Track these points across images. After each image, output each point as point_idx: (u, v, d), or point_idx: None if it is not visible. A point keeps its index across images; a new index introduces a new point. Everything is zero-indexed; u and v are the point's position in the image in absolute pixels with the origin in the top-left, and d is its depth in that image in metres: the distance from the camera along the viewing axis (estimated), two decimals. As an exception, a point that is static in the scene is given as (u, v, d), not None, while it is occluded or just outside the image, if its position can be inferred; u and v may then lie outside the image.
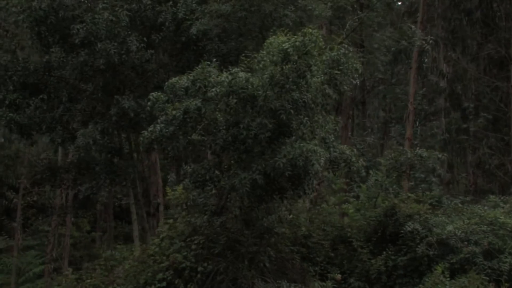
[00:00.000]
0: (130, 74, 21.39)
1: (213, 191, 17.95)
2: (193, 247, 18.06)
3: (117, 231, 37.85)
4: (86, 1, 20.98)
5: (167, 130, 16.53)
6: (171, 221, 19.10)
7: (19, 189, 38.11)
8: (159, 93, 16.72)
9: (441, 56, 41.88)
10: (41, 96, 21.92)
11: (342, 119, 28.93)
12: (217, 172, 17.69)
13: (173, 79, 16.60)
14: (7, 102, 21.87)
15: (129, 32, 20.58)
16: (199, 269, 17.74)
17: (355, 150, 18.95)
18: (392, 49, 23.29)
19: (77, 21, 20.66)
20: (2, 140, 40.83)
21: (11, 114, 21.71)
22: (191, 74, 16.62)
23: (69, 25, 21.05)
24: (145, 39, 20.83)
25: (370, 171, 22.52)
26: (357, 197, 24.19)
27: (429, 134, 44.65)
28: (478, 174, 40.09)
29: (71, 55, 21.63)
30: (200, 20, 20.46)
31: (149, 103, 16.79)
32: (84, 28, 20.33)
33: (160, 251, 18.53)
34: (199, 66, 16.64)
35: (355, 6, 22.44)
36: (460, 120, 40.66)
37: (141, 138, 16.84)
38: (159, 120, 16.74)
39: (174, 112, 16.45)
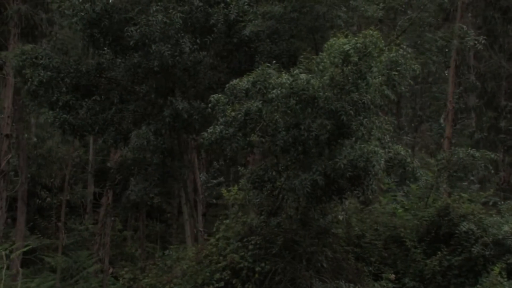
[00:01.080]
0: (182, 75, 21.52)
1: (270, 192, 18.08)
2: (250, 247, 18.21)
3: (148, 230, 38.01)
4: (139, 4, 21.07)
5: (227, 132, 16.71)
6: (227, 221, 19.24)
7: (52, 188, 38.51)
8: (219, 95, 16.89)
9: (471, 53, 41.65)
10: (93, 98, 22.17)
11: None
12: (274, 173, 17.88)
13: (234, 81, 16.75)
14: (60, 103, 22.14)
15: (182, 34, 20.73)
16: (257, 269, 17.90)
17: (409, 150, 19.01)
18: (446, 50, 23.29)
19: (130, 23, 20.82)
20: (35, 139, 41.27)
21: (64, 116, 21.99)
22: (251, 76, 16.75)
23: (122, 27, 21.25)
24: (198, 40, 20.97)
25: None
26: (405, 196, 24.22)
27: (464, 133, 44.51)
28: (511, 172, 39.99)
29: (124, 57, 21.86)
30: (253, 21, 20.55)
31: (210, 104, 16.93)
32: (138, 30, 20.50)
33: (217, 251, 18.71)
34: (259, 68, 16.77)
35: (404, 6, 22.40)
36: (493, 118, 40.47)
37: (201, 139, 17.00)
38: (218, 122, 16.91)
39: (233, 113, 16.61)
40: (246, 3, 21.14)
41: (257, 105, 16.18)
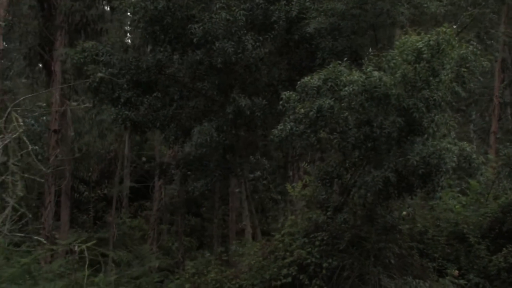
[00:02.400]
0: (243, 72, 21.70)
1: (338, 189, 18.21)
2: (317, 243, 18.32)
3: (183, 224, 38.17)
4: (202, 2, 21.26)
5: (297, 129, 16.82)
6: (293, 217, 19.39)
7: (89, 182, 38.84)
8: (290, 92, 17.02)
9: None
10: (154, 94, 22.42)
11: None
12: (342, 169, 18.01)
13: (305, 79, 16.86)
14: (122, 100, 22.43)
15: (245, 31, 20.88)
16: (324, 265, 18.01)
17: (474, 147, 19.01)
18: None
19: (193, 21, 21.02)
20: (73, 133, 41.68)
21: (126, 112, 22.28)
22: (321, 73, 16.85)
23: (184, 25, 21.48)
24: (261, 38, 21.12)
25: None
26: (463, 193, 24.17)
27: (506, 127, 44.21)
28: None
29: (184, 54, 22.07)
30: (316, 18, 20.65)
31: (281, 102, 17.08)
32: (201, 28, 20.70)
33: (283, 247, 18.85)
34: (330, 66, 16.86)
35: (465, 2, 22.39)
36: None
37: (271, 136, 17.16)
38: (287, 119, 17.05)
39: (303, 110, 16.73)
40: (307, 0, 21.23)
41: (329, 103, 16.27)
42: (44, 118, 39.04)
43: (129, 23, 23.23)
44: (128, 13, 23.99)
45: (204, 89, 22.34)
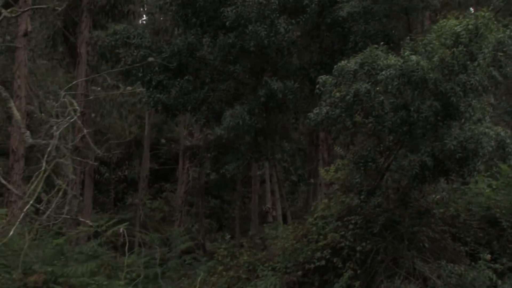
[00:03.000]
0: (275, 55, 21.71)
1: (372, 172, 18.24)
2: (350, 226, 18.39)
3: (203, 206, 38.27)
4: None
5: (333, 113, 16.85)
6: (326, 201, 19.46)
7: (110, 164, 38.94)
8: (327, 76, 17.03)
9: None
10: (186, 77, 22.48)
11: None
12: (376, 153, 18.04)
13: (342, 63, 16.86)
14: (153, 83, 22.51)
15: (277, 15, 20.86)
16: (358, 248, 18.07)
17: (508, 131, 18.94)
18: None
19: (226, 3, 21.01)
20: (93, 115, 41.87)
21: (158, 95, 22.37)
22: (358, 57, 16.85)
23: (216, 7, 21.50)
24: (293, 21, 21.10)
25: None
26: (493, 177, 24.08)
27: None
28: None
29: (217, 37, 22.10)
30: (349, 2, 20.61)
31: (317, 86, 17.10)
32: (234, 11, 20.71)
33: (316, 230, 18.94)
34: (367, 50, 16.84)
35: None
36: None
37: (307, 120, 17.20)
38: (323, 103, 17.08)
39: (338, 94, 16.75)
40: (340, -16, 21.19)
41: (366, 87, 16.27)
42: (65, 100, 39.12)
43: (160, 5, 23.12)
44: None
45: (236, 72, 22.35)
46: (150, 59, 16.11)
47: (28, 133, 10.14)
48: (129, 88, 10.91)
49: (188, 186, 31.08)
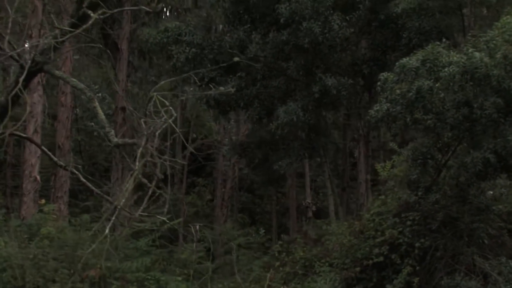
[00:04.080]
0: (328, 52, 21.76)
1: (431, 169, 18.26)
2: (408, 223, 18.40)
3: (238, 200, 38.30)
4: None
5: (393, 109, 16.89)
6: (382, 197, 19.50)
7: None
8: (389, 73, 17.07)
9: None
10: (238, 74, 22.59)
11: None
12: (434, 150, 18.06)
13: (403, 60, 16.89)
14: (206, 80, 22.64)
15: (331, 11, 20.91)
16: (416, 244, 18.08)
17: None
18: None
19: (280, 1, 21.08)
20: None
21: (210, 92, 22.46)
22: (419, 54, 16.87)
23: (269, 4, 21.60)
24: (347, 18, 21.15)
25: None
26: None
27: None
28: None
29: (268, 34, 22.20)
30: (403, -2, 20.65)
31: (378, 83, 17.15)
32: (288, 8, 20.78)
33: (374, 226, 18.98)
34: (428, 47, 16.86)
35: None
36: None
37: (368, 117, 17.26)
38: (384, 100, 17.12)
39: (399, 91, 16.79)
40: (394, -21, 21.21)
41: (428, 84, 16.29)
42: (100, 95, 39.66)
43: (212, 2, 23.23)
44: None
45: (290, 69, 22.41)
46: (236, 59, 16.28)
47: (112, 132, 10.29)
48: (221, 88, 11.03)
49: (234, 181, 31.25)
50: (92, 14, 10.92)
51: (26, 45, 13.65)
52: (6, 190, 34.79)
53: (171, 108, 9.52)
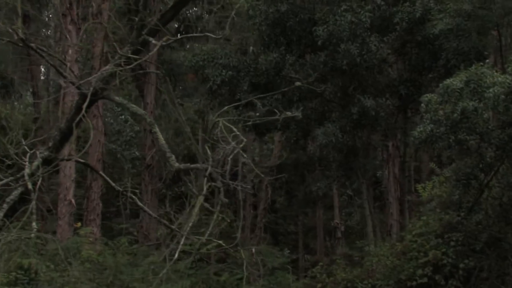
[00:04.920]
0: (365, 73, 21.83)
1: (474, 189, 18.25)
2: (452, 243, 18.40)
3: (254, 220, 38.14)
4: (327, 4, 21.45)
5: (437, 130, 16.94)
6: (424, 218, 19.49)
7: (165, 180, 39.22)
8: (432, 94, 17.13)
9: None
10: (275, 96, 22.67)
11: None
12: (477, 170, 18.06)
13: (447, 81, 16.94)
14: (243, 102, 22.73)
15: (368, 33, 21.00)
16: (461, 265, 18.08)
17: None
18: None
19: (318, 23, 21.21)
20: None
21: (249, 114, 22.58)
22: (462, 75, 16.92)
23: (306, 27, 21.75)
24: (385, 39, 21.23)
25: None
26: None
27: None
28: None
29: (303, 56, 22.31)
30: (442, 19, 20.68)
31: (422, 104, 17.21)
32: (326, 30, 20.90)
33: (416, 247, 18.96)
34: (472, 68, 16.91)
35: None
36: None
37: (412, 138, 17.31)
38: (427, 121, 17.17)
39: (442, 112, 16.84)
40: (431, 1, 21.25)
41: (473, 104, 16.33)
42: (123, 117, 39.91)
43: (248, 25, 23.42)
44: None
45: (328, 91, 22.48)
46: (297, 83, 16.43)
47: (173, 157, 10.41)
48: (288, 113, 11.12)
49: (267, 203, 31.27)
50: (154, 41, 11.10)
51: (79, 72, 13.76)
52: (42, 214, 34.96)
53: (238, 133, 9.63)
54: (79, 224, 26.30)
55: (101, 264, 22.35)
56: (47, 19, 40.83)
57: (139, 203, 12.22)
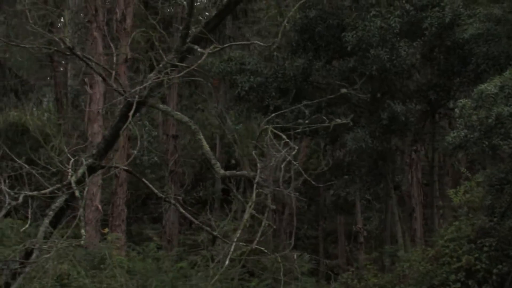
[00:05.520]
0: (393, 78, 21.86)
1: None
2: (485, 249, 18.36)
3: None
4: (356, 10, 21.51)
5: (471, 136, 16.92)
6: (456, 223, 19.47)
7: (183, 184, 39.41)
8: (466, 100, 17.13)
9: None
10: (304, 102, 22.71)
11: None
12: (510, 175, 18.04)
13: (481, 86, 16.93)
14: (271, 108, 22.83)
15: (398, 38, 21.03)
16: (494, 271, 18.05)
17: None
18: None
19: (347, 28, 21.27)
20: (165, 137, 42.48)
21: (277, 120, 22.64)
22: (496, 80, 16.91)
23: (334, 32, 21.80)
24: (414, 44, 21.25)
25: None
26: None
27: None
28: None
29: (330, 62, 22.36)
30: (472, 24, 20.68)
31: (456, 109, 17.21)
32: (355, 36, 20.95)
33: (449, 252, 18.94)
34: (506, 73, 16.90)
35: None
36: None
37: (445, 143, 17.31)
38: (461, 126, 17.16)
39: (475, 117, 16.83)
40: (461, 6, 21.25)
41: (508, 109, 16.31)
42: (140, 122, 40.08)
43: (276, 31, 23.51)
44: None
45: (357, 96, 22.50)
46: (343, 90, 16.48)
47: (218, 164, 10.46)
48: (338, 120, 11.17)
49: (292, 209, 31.22)
50: (199, 49, 11.17)
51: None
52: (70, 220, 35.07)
53: (289, 141, 9.68)
54: (106, 230, 26.38)
55: (130, 269, 22.45)
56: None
57: (181, 210, 12.29)
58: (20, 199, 10.52)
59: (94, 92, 28.47)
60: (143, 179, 12.92)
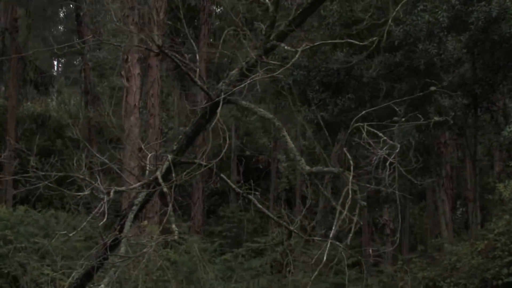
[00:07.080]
0: (440, 73, 21.89)
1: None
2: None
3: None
4: (405, 4, 21.49)
5: (527, 130, 17.02)
6: (507, 217, 19.54)
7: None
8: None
9: None
10: (348, 96, 22.84)
11: None
12: None
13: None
14: (315, 101, 22.94)
15: (445, 32, 21.07)
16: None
17: None
18: None
19: (394, 23, 21.27)
20: (181, 128, 42.68)
21: (322, 113, 22.76)
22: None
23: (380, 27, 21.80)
24: (461, 38, 21.28)
25: None
26: None
27: None
28: None
29: (372, 56, 22.40)
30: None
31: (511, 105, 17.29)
32: (402, 30, 21.00)
33: (500, 246, 19.03)
34: None
35: None
36: None
37: (502, 138, 17.39)
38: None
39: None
40: (508, 0, 21.26)
41: None
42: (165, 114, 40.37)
43: (319, 24, 23.59)
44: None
45: (403, 90, 22.55)
46: (432, 88, 16.56)
47: (303, 160, 10.58)
48: (436, 118, 11.26)
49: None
50: (287, 48, 11.29)
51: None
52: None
53: (385, 138, 9.78)
54: (145, 222, 26.53)
55: (175, 262, 22.61)
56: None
57: (258, 205, 12.38)
58: (111, 194, 10.65)
59: (130, 85, 28.58)
60: (222, 175, 13.04)
